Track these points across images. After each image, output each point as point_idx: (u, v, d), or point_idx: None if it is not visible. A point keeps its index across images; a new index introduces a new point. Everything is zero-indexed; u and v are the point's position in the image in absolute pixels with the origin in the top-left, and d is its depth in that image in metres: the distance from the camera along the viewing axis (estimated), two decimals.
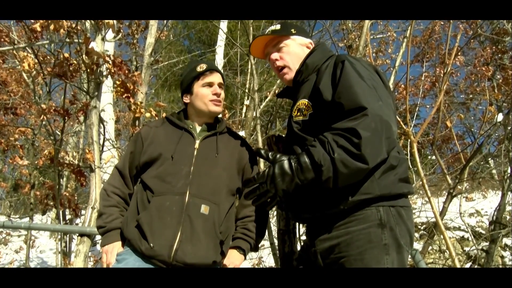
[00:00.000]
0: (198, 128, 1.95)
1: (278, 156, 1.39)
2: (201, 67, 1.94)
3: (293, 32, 1.76)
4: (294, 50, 1.74)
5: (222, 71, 2.10)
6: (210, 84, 1.92)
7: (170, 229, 1.69)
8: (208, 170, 1.82)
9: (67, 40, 3.71)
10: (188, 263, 1.68)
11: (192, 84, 1.94)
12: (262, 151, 1.45)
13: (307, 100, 1.59)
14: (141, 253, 1.70)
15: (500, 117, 3.33)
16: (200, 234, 1.71)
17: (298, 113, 1.61)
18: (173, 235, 1.68)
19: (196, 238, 1.70)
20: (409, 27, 4.31)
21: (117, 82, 3.86)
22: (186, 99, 1.97)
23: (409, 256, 1.53)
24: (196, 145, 1.86)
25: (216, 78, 1.95)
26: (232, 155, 1.93)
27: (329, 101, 1.47)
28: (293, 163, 1.35)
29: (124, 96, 3.85)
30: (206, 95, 1.91)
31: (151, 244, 1.66)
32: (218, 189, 1.83)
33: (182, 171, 1.78)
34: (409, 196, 1.56)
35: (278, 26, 1.78)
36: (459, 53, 7.00)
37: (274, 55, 1.77)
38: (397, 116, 1.71)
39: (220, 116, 2.11)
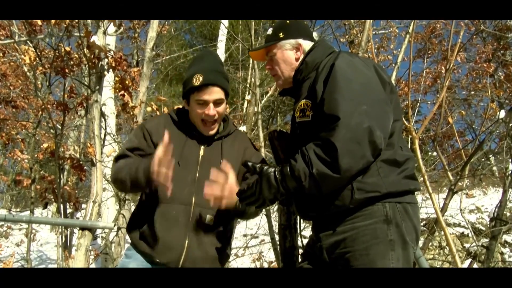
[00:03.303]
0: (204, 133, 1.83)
1: (265, 168, 1.50)
2: (197, 79, 1.69)
3: (281, 36, 1.73)
4: (282, 58, 1.74)
5: (226, 75, 1.83)
6: (204, 103, 1.72)
7: (178, 240, 1.69)
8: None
9: (67, 34, 3.69)
10: None
11: (189, 95, 1.77)
12: (250, 164, 1.55)
13: (308, 101, 1.59)
14: (149, 260, 1.72)
15: (502, 113, 3.32)
16: (207, 244, 1.73)
17: (301, 114, 1.61)
18: (181, 245, 1.69)
19: (203, 248, 1.72)
20: (412, 23, 4.28)
21: (116, 78, 3.85)
22: (186, 107, 1.83)
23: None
24: (201, 152, 1.80)
25: (212, 95, 1.70)
26: (237, 158, 1.85)
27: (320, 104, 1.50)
28: (277, 176, 1.45)
29: (120, 94, 3.83)
30: (198, 115, 1.74)
31: (157, 260, 1.69)
32: None
33: (188, 178, 1.74)
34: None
35: (270, 31, 1.79)
36: (461, 50, 6.97)
37: (267, 65, 1.82)
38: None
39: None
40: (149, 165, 1.55)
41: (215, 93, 1.71)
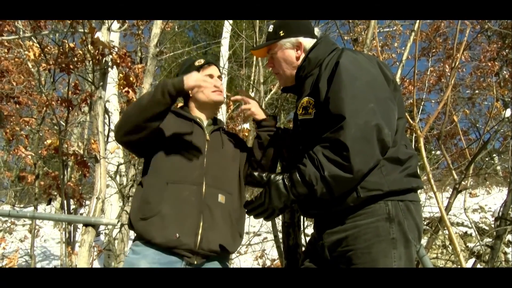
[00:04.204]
0: (205, 122, 1.98)
1: (272, 177, 1.47)
2: (199, 61, 1.99)
3: (281, 34, 1.72)
4: (282, 57, 1.73)
5: (226, 63, 2.15)
6: (210, 76, 1.95)
7: (192, 218, 1.70)
8: (219, 161, 1.87)
9: (71, 30, 3.70)
10: (213, 250, 1.70)
11: None
12: (256, 173, 1.53)
13: (311, 98, 1.57)
14: (163, 245, 1.66)
15: (508, 112, 3.30)
16: (220, 222, 1.75)
17: (303, 111, 1.60)
18: (196, 224, 1.69)
19: (217, 226, 1.74)
20: (417, 22, 4.26)
21: (121, 75, 3.85)
22: (190, 93, 1.97)
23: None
24: (207, 137, 1.90)
25: (215, 70, 2.00)
26: (235, 148, 2.01)
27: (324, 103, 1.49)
28: (287, 183, 1.42)
29: (124, 91, 3.83)
30: (208, 87, 1.92)
31: (177, 235, 1.65)
32: (230, 179, 1.89)
33: (197, 162, 1.80)
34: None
35: (271, 28, 1.78)
36: (466, 48, 6.93)
37: (269, 64, 1.82)
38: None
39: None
40: (181, 79, 1.68)
41: (216, 70, 2.02)
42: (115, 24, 4.50)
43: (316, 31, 1.80)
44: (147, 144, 1.80)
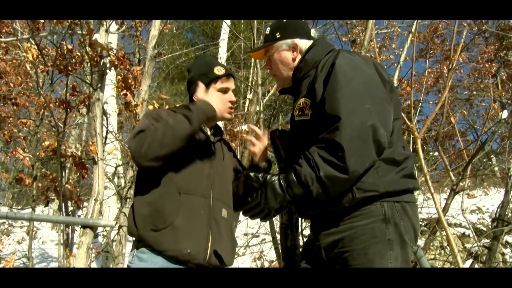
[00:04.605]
0: (209, 131, 1.94)
1: (268, 177, 1.49)
2: (219, 70, 1.88)
3: (277, 36, 1.73)
4: (279, 59, 1.75)
5: (224, 64, 2.06)
6: (226, 90, 1.88)
7: (202, 232, 1.68)
8: (222, 173, 1.86)
9: (69, 31, 3.70)
10: (218, 266, 1.70)
11: (208, 86, 1.87)
12: (252, 174, 1.56)
13: (307, 99, 1.58)
14: (175, 258, 1.62)
15: (505, 114, 3.31)
16: (225, 237, 1.75)
17: (300, 112, 1.61)
18: (206, 238, 1.68)
19: (223, 241, 1.73)
20: (414, 23, 4.27)
21: (119, 77, 3.84)
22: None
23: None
24: (213, 147, 1.88)
25: (232, 84, 1.91)
26: (231, 160, 2.01)
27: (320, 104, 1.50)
28: (283, 184, 1.44)
29: (122, 94, 3.82)
30: (223, 100, 1.87)
31: (189, 250, 1.62)
32: (230, 192, 1.88)
33: (204, 172, 1.77)
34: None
35: (268, 30, 1.79)
36: (463, 50, 6.95)
37: (266, 66, 1.84)
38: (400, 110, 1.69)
39: None
40: (210, 108, 1.74)
41: (233, 84, 1.92)
42: (113, 26, 4.50)
43: (313, 32, 1.80)
44: None
